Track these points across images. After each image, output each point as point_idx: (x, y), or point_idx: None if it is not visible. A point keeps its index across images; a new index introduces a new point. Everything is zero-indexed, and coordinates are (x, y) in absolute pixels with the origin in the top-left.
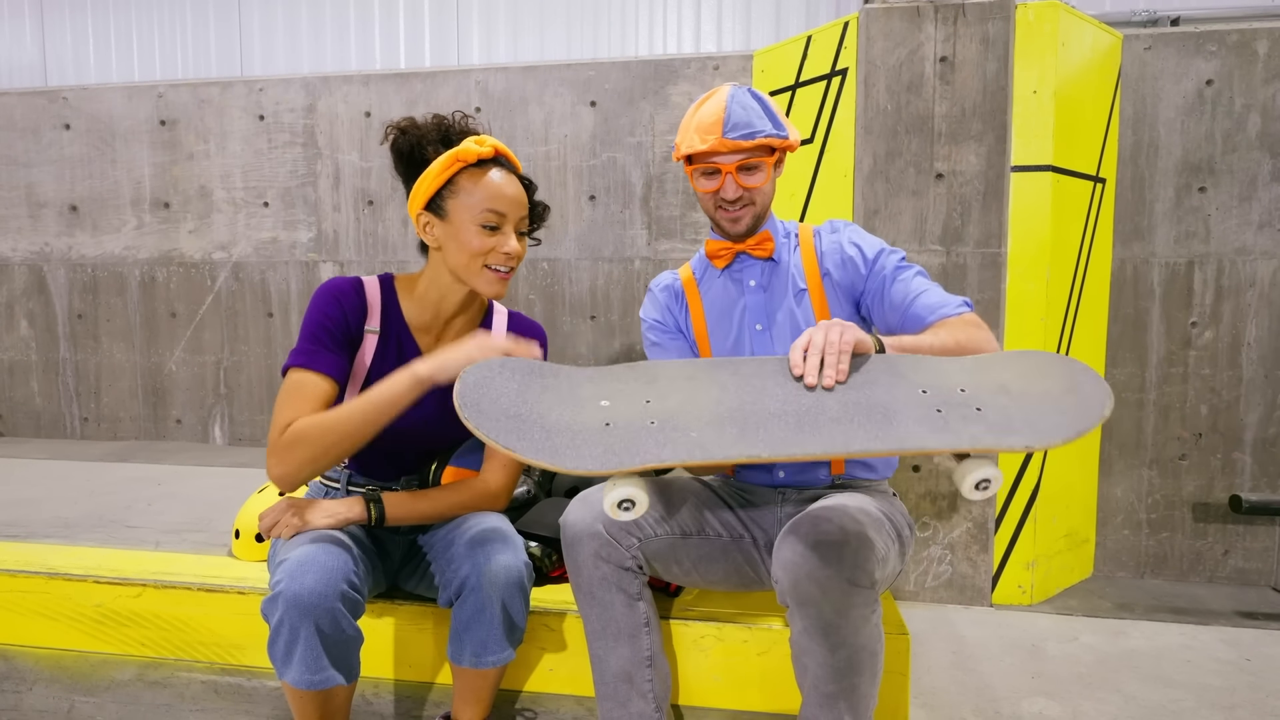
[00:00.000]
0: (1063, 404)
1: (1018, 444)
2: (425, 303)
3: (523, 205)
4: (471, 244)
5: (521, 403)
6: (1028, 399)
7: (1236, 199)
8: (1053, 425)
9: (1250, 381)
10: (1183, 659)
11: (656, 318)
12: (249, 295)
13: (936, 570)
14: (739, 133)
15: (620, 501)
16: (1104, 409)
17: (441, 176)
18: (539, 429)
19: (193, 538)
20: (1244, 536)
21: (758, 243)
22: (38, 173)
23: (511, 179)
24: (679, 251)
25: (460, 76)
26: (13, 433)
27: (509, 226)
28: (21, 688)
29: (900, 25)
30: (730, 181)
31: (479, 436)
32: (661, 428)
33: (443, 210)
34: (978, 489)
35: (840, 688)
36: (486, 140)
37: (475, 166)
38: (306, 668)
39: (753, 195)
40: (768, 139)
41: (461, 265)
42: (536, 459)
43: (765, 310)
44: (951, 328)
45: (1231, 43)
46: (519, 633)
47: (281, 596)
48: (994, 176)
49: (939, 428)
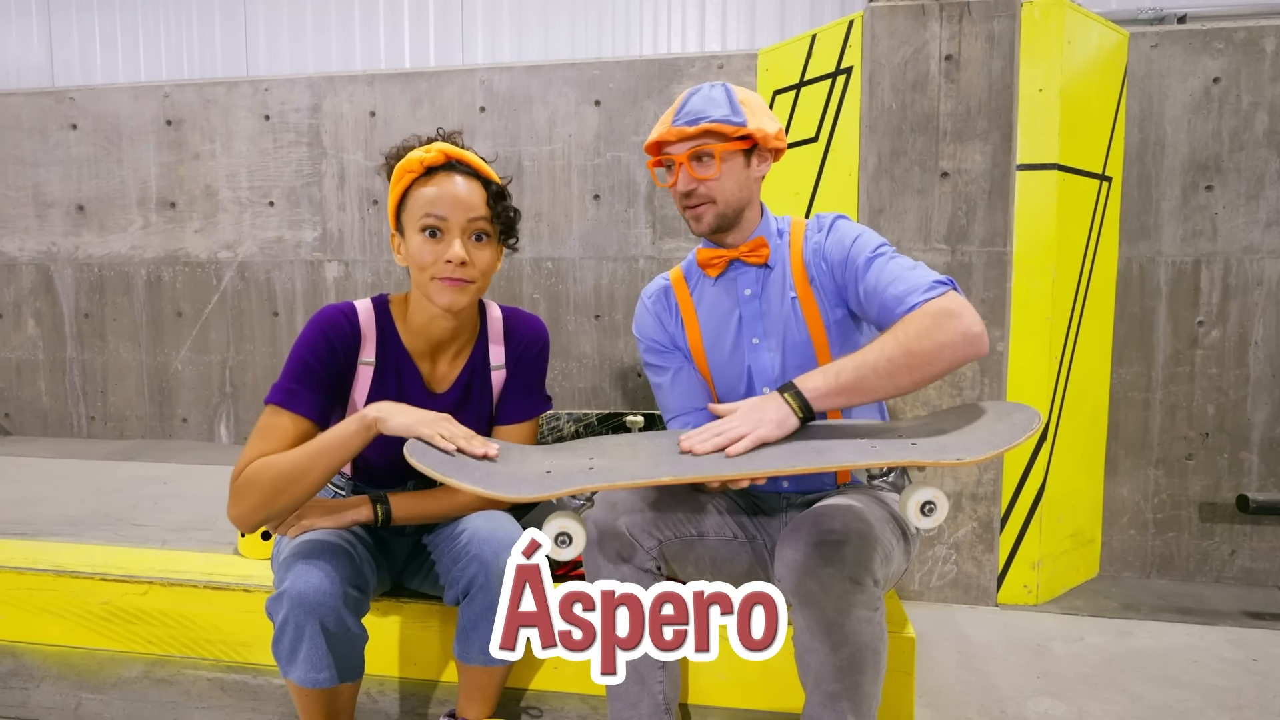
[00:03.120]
0: (994, 429)
1: (946, 459)
2: (415, 326)
3: (470, 207)
4: (418, 255)
5: (466, 460)
6: (961, 432)
7: (1244, 197)
8: (980, 442)
9: (1257, 381)
10: (1189, 659)
11: (652, 335)
12: (254, 295)
13: (941, 570)
14: (685, 119)
15: (557, 536)
16: (1031, 426)
17: (395, 192)
18: (480, 471)
19: (199, 536)
20: (1251, 536)
21: (751, 249)
22: (44, 172)
23: (461, 180)
24: (683, 251)
25: (465, 76)
26: (20, 431)
27: (453, 231)
28: (29, 684)
29: (905, 23)
30: (683, 173)
31: (419, 468)
32: (598, 471)
33: (401, 226)
34: (923, 513)
35: (843, 686)
36: (434, 146)
37: (424, 176)
38: (311, 666)
39: (710, 190)
40: (714, 124)
41: (419, 282)
42: (475, 487)
43: (761, 321)
44: (903, 333)
45: (1239, 40)
46: None
47: (286, 596)
48: (999, 175)
49: (869, 454)
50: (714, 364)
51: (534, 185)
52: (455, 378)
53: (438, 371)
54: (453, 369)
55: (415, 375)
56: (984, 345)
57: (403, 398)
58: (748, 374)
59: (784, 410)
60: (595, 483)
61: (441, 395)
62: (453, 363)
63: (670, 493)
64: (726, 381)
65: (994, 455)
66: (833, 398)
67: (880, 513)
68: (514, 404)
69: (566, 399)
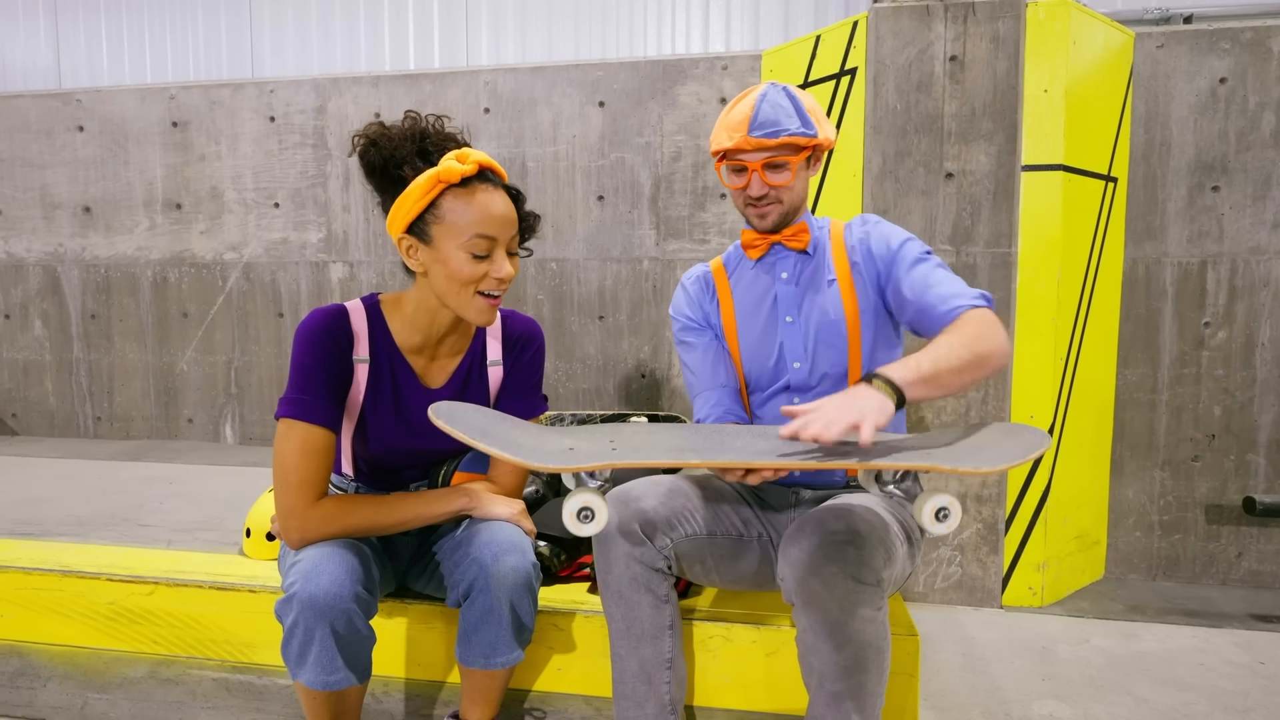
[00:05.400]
0: (1005, 446)
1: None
2: (415, 326)
3: (513, 223)
4: (461, 272)
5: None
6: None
7: (1250, 198)
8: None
9: (1264, 382)
10: (1195, 662)
11: (687, 313)
12: (260, 296)
13: (946, 571)
14: (763, 131)
15: (580, 510)
16: (1041, 446)
17: (424, 200)
18: (505, 440)
19: (204, 536)
20: (1257, 538)
21: (794, 233)
22: (52, 174)
23: (499, 195)
24: (687, 252)
25: (469, 77)
26: (27, 432)
27: (500, 249)
28: (36, 684)
29: (910, 24)
30: (756, 179)
31: (448, 431)
32: (621, 451)
33: (427, 235)
34: (937, 519)
35: (847, 686)
36: (470, 155)
37: (459, 186)
38: (321, 669)
39: (779, 193)
40: (792, 138)
41: (451, 293)
42: (501, 453)
43: (796, 301)
44: (964, 332)
45: (1245, 40)
46: (527, 633)
47: (296, 599)
48: (1004, 176)
49: (887, 456)
50: (745, 343)
51: (538, 186)
52: (452, 372)
53: (432, 367)
54: (449, 364)
55: (409, 372)
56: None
57: (398, 394)
58: (779, 349)
59: (880, 396)
60: (620, 460)
61: (437, 390)
62: (449, 358)
63: (681, 491)
64: (757, 359)
65: (1005, 469)
66: (916, 386)
67: (886, 513)
68: (513, 404)
69: (570, 400)
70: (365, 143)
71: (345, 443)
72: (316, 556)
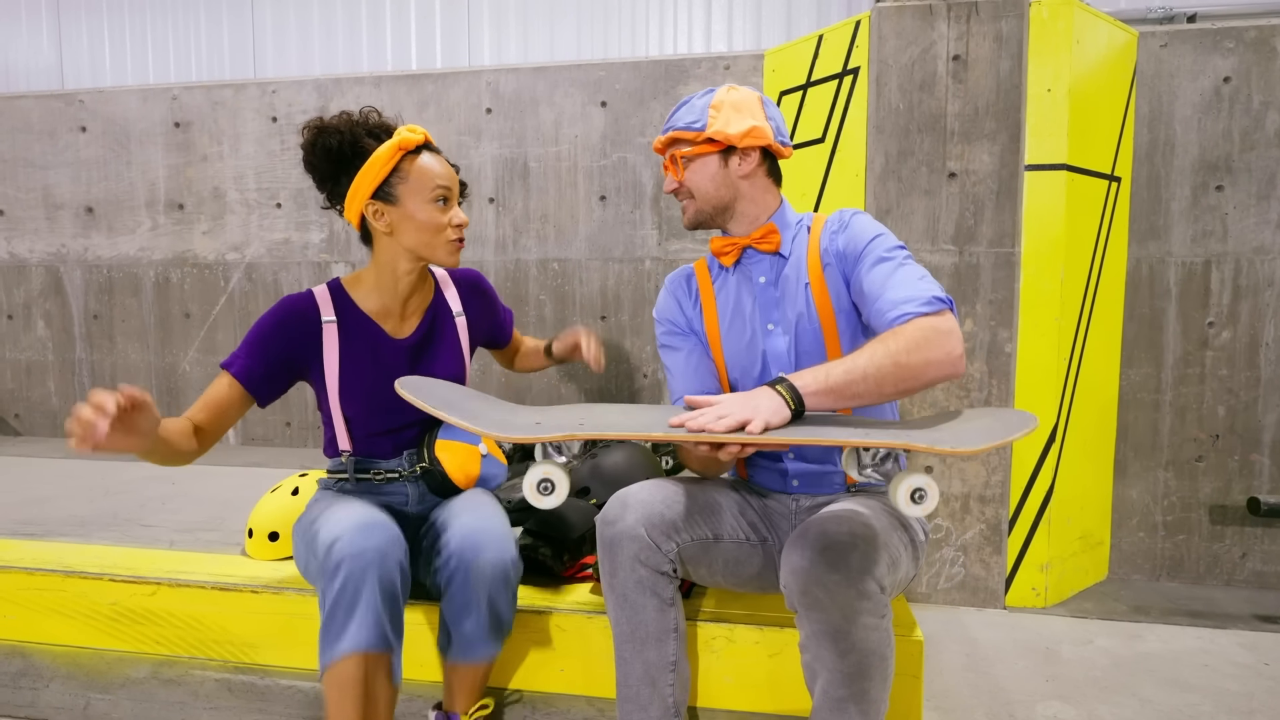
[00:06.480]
0: (990, 426)
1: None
2: (382, 289)
3: (455, 179)
4: (433, 220)
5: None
6: (954, 427)
7: (1255, 197)
8: (976, 434)
9: (1269, 382)
10: (1200, 663)
11: (668, 317)
12: (262, 296)
13: (949, 572)
14: (665, 127)
15: (540, 482)
16: (1026, 426)
17: (388, 165)
18: (467, 411)
19: (206, 537)
20: (1262, 539)
21: (762, 235)
22: (54, 175)
23: (443, 159)
24: (689, 252)
25: (471, 77)
26: (29, 432)
27: (454, 201)
28: (39, 684)
29: (912, 24)
30: (669, 174)
31: (410, 400)
32: (588, 425)
33: (393, 196)
34: (913, 500)
35: (850, 692)
36: (417, 129)
37: (413, 152)
38: (367, 629)
39: (687, 188)
40: (678, 133)
41: (424, 242)
42: (462, 422)
43: (777, 308)
44: (895, 342)
45: (1249, 39)
46: (506, 628)
47: (344, 554)
48: (1007, 175)
49: (862, 435)
50: (730, 350)
51: (540, 186)
52: (417, 323)
53: (401, 325)
54: (414, 318)
55: (380, 332)
56: (963, 368)
57: (373, 347)
58: (763, 359)
59: (778, 400)
60: (585, 432)
61: (406, 338)
62: (413, 315)
63: (685, 495)
64: (741, 366)
65: (986, 449)
66: (821, 396)
67: (888, 519)
68: (497, 330)
69: (572, 399)
70: (315, 131)
71: (336, 417)
72: (360, 518)
